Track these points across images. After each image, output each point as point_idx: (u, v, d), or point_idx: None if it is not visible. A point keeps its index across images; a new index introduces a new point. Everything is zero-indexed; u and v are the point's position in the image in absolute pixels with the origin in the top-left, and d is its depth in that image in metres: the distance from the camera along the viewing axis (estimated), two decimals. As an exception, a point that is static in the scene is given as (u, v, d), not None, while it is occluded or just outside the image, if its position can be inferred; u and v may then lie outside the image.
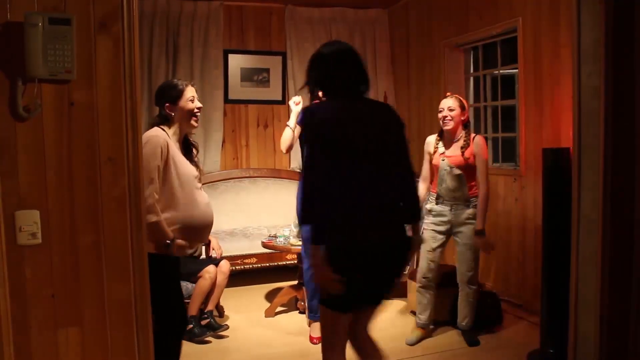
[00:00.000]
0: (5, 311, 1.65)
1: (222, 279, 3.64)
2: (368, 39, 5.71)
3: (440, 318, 3.71)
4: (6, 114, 1.65)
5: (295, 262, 4.19)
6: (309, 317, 3.63)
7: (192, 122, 2.47)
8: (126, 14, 1.75)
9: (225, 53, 5.33)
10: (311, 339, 3.52)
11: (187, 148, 2.52)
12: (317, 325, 3.56)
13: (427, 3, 5.05)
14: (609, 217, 2.37)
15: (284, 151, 3.53)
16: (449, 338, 3.49)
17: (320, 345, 2.34)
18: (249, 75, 5.46)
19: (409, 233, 2.20)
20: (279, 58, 5.50)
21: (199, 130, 5.18)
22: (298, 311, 4.08)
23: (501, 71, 4.38)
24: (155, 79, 4.96)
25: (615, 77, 2.32)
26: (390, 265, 2.14)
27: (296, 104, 3.48)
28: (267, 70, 5.47)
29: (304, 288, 3.99)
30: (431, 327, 3.58)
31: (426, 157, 3.53)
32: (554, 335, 3.03)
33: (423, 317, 3.52)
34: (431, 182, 3.51)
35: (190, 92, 2.45)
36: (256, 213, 5.16)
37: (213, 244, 3.75)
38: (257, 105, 5.53)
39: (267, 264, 4.50)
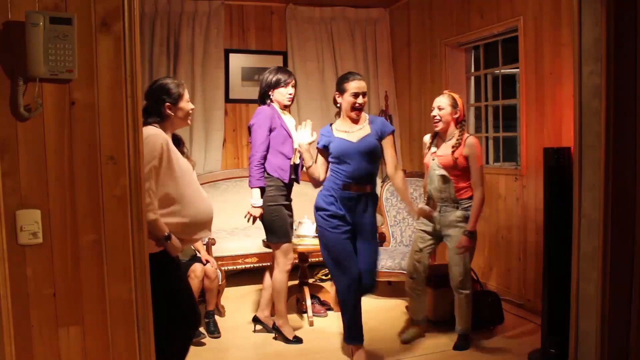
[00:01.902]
0: (7, 310, 1.65)
1: (208, 283, 3.64)
2: (369, 38, 5.70)
3: (441, 319, 3.72)
4: (7, 113, 1.65)
5: (297, 261, 4.18)
6: (346, 341, 3.15)
7: (188, 121, 2.51)
8: (127, 13, 1.75)
9: (226, 52, 5.33)
10: None
11: (176, 143, 2.53)
12: (361, 354, 3.09)
13: (428, 2, 5.05)
14: (609, 217, 2.37)
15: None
16: (449, 338, 3.49)
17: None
18: (249, 75, 5.46)
19: None
20: (280, 57, 5.50)
21: (199, 129, 5.21)
22: (297, 308, 4.09)
23: (502, 70, 4.38)
24: (156, 78, 4.96)
25: (617, 76, 2.32)
26: None
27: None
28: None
29: (305, 288, 4.00)
30: (424, 324, 3.60)
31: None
32: (555, 335, 3.03)
33: (416, 316, 3.57)
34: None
35: (187, 93, 2.49)
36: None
37: (205, 255, 3.76)
38: (257, 104, 5.52)
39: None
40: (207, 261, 3.71)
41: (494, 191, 4.23)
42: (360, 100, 3.02)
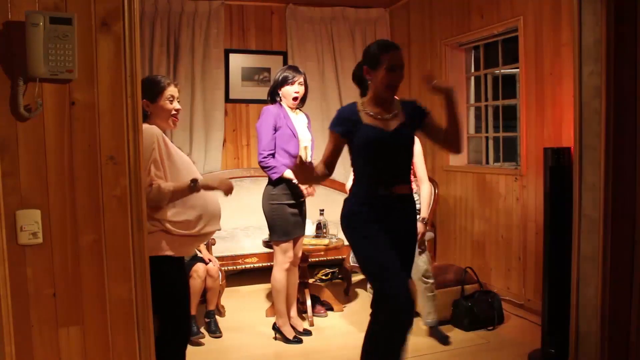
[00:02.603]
0: (7, 310, 1.65)
1: (211, 282, 3.64)
2: (369, 38, 5.69)
3: (441, 318, 3.71)
4: (7, 114, 1.65)
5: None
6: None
7: (170, 122, 2.35)
8: (127, 13, 1.75)
9: (226, 52, 5.33)
10: None
11: None
12: None
13: (428, 2, 5.05)
14: (609, 217, 2.37)
15: None
16: (449, 339, 3.49)
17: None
18: (250, 75, 5.46)
19: None
20: (280, 57, 5.50)
21: (199, 129, 5.21)
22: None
23: (502, 70, 4.38)
24: (156, 78, 4.97)
25: (617, 76, 2.32)
26: None
27: None
28: (268, 70, 5.47)
29: (305, 288, 4.00)
30: None
31: None
32: (555, 335, 3.03)
33: None
34: None
35: (171, 91, 2.32)
36: (257, 212, 5.15)
37: (207, 254, 3.76)
38: (258, 104, 5.52)
39: (268, 263, 4.49)
40: (210, 260, 3.72)
41: (494, 191, 4.23)
42: (397, 75, 2.36)
